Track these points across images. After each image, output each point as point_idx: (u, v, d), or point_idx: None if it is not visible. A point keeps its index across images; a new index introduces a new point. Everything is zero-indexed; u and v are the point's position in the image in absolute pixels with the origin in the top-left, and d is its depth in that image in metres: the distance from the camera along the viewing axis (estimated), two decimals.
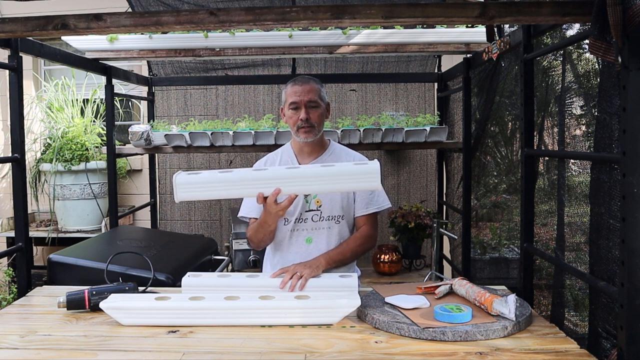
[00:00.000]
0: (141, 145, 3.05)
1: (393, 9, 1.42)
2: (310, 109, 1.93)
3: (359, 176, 1.64)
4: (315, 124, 1.94)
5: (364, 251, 1.99)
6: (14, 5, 4.10)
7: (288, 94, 1.97)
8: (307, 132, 1.94)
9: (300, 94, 1.93)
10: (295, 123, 1.95)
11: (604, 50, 1.23)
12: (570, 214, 1.79)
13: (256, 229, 1.91)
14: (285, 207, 1.69)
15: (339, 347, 1.35)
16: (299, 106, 1.93)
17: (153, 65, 3.67)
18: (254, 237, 1.96)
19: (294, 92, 1.95)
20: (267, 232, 1.90)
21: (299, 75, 2.10)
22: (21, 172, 1.97)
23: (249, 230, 1.99)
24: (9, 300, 3.53)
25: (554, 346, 1.34)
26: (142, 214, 4.17)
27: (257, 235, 1.93)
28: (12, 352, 1.34)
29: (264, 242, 1.98)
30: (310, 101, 1.93)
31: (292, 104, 1.94)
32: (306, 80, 1.97)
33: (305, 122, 1.92)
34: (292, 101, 1.94)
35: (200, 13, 1.46)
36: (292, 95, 1.95)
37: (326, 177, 1.65)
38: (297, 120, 1.94)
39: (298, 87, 1.95)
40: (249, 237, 1.98)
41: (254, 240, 1.97)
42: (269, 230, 1.90)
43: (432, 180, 3.75)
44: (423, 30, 2.81)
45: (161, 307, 1.51)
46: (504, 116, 2.65)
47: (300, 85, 1.95)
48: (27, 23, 1.53)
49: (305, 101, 1.93)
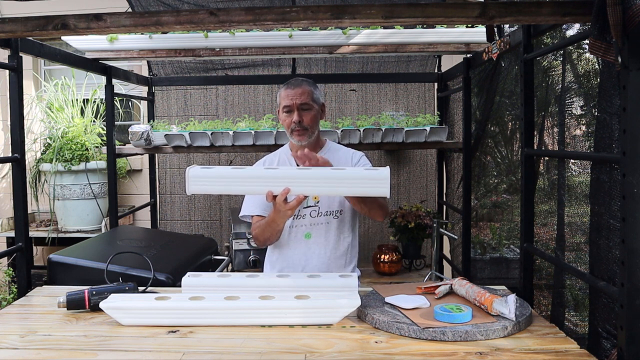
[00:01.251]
0: (141, 145, 3.05)
1: (393, 9, 1.42)
2: (303, 111, 1.96)
3: (368, 181, 1.64)
4: (308, 126, 1.97)
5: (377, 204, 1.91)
6: (14, 5, 4.10)
7: (281, 97, 2.00)
8: (300, 134, 1.97)
9: (293, 97, 1.96)
10: (289, 126, 1.98)
11: (604, 50, 1.23)
12: (570, 214, 1.79)
13: (263, 228, 1.91)
14: (293, 207, 1.69)
15: (339, 347, 1.35)
16: (292, 109, 1.96)
17: (153, 65, 3.67)
18: (260, 236, 1.95)
19: (286, 95, 1.98)
20: (274, 231, 1.90)
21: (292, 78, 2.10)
22: (21, 172, 1.97)
23: (254, 229, 1.99)
24: (9, 300, 3.53)
25: (554, 346, 1.34)
26: (142, 214, 4.17)
27: (264, 233, 1.93)
28: (12, 352, 1.34)
29: (270, 240, 1.97)
30: (302, 104, 1.96)
31: (285, 107, 1.98)
32: (299, 83, 1.99)
33: (298, 124, 1.95)
34: (284, 104, 1.98)
35: (200, 13, 1.46)
36: (285, 98, 1.98)
37: (336, 180, 1.66)
38: (290, 123, 1.97)
39: (290, 90, 1.97)
40: (255, 235, 1.98)
41: (259, 239, 1.97)
42: (277, 230, 1.90)
43: (432, 180, 3.75)
44: (423, 30, 2.81)
45: (161, 307, 1.51)
46: (504, 116, 2.65)
47: (293, 89, 1.97)
48: (27, 23, 1.53)
49: (298, 104, 1.95)
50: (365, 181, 1.64)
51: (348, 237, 2.04)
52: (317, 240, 1.99)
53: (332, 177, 1.66)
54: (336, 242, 2.01)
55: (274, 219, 1.82)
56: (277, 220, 1.82)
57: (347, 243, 2.04)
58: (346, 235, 2.04)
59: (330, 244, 2.00)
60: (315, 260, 1.99)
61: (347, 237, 2.04)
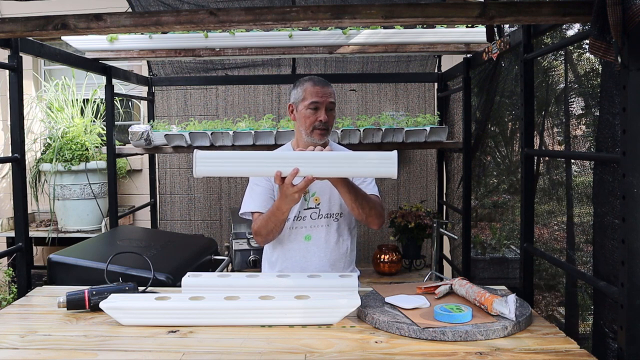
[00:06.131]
0: (141, 145, 3.05)
1: (393, 9, 1.42)
2: (329, 111, 1.94)
3: (376, 161, 1.63)
4: (330, 126, 1.96)
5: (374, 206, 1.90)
6: (14, 5, 4.10)
7: (308, 92, 1.93)
8: (322, 134, 1.93)
9: (323, 95, 1.92)
10: (312, 123, 1.92)
11: (604, 50, 1.23)
12: (570, 214, 1.79)
13: (267, 219, 1.86)
14: (301, 188, 1.65)
15: (339, 347, 1.35)
16: (320, 107, 1.92)
17: (153, 65, 3.67)
18: (263, 229, 1.89)
19: (315, 92, 1.92)
20: (279, 220, 1.85)
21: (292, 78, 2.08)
22: (21, 172, 1.97)
23: (256, 223, 1.94)
24: (9, 300, 3.53)
25: (554, 346, 1.34)
26: (142, 214, 4.17)
27: (268, 225, 1.87)
28: (12, 352, 1.34)
29: (272, 234, 1.92)
30: (331, 103, 1.94)
31: (313, 104, 1.92)
32: (326, 83, 1.97)
33: (323, 124, 1.92)
34: (313, 100, 1.91)
35: (200, 13, 1.46)
36: (314, 94, 1.92)
37: (345, 160, 1.67)
38: (314, 120, 1.92)
39: (320, 87, 1.93)
40: (257, 229, 1.92)
41: (262, 233, 1.91)
42: (281, 219, 1.85)
43: (432, 180, 3.75)
44: (423, 30, 2.81)
45: (161, 307, 1.51)
46: (504, 116, 2.65)
47: (322, 87, 1.94)
48: (27, 23, 1.53)
49: (327, 103, 1.92)
50: (373, 160, 1.63)
51: (347, 239, 2.04)
52: (317, 242, 1.98)
53: (341, 157, 1.67)
54: (336, 245, 2.01)
55: (279, 207, 1.78)
56: (283, 207, 1.77)
57: (346, 246, 2.03)
58: (345, 237, 2.03)
59: (330, 246, 2.00)
60: (315, 262, 1.99)
61: (346, 239, 2.03)
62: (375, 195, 1.98)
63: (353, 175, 1.85)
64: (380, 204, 1.95)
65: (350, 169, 1.67)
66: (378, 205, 1.92)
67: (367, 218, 1.89)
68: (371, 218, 1.89)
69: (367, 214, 1.87)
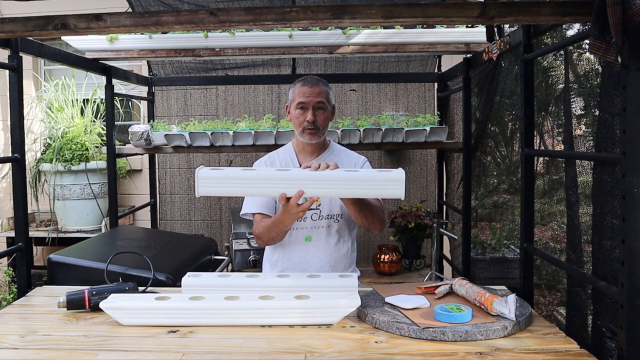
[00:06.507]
0: (141, 145, 3.05)
1: (393, 9, 1.42)
2: (317, 110, 1.93)
3: (384, 183, 1.62)
4: (320, 126, 1.94)
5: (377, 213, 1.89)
6: (14, 5, 4.10)
7: (296, 93, 1.95)
8: (312, 133, 1.94)
9: (310, 95, 1.92)
10: (301, 124, 1.94)
11: (604, 50, 1.23)
12: (571, 214, 1.79)
13: (269, 228, 1.87)
14: (306, 208, 1.67)
15: (339, 347, 1.35)
16: (307, 107, 1.92)
17: (153, 65, 3.67)
18: (264, 235, 1.90)
19: (302, 92, 1.93)
20: (280, 232, 1.86)
21: (308, 75, 2.08)
22: (21, 172, 1.97)
23: (257, 227, 1.94)
24: (9, 300, 3.53)
25: (554, 346, 1.34)
26: (142, 214, 4.17)
27: (269, 233, 1.88)
28: (12, 352, 1.34)
29: (274, 240, 1.93)
30: (318, 102, 1.93)
31: (300, 104, 1.93)
32: (315, 82, 1.96)
33: (311, 124, 1.92)
34: (300, 101, 1.93)
35: (200, 13, 1.46)
36: (301, 95, 1.93)
37: (351, 181, 1.63)
38: (303, 121, 1.93)
39: (307, 87, 1.93)
40: (258, 234, 1.92)
41: (263, 238, 1.92)
42: (284, 231, 1.87)
43: (432, 180, 3.76)
44: (423, 30, 2.81)
45: (161, 307, 1.51)
46: (504, 116, 2.65)
47: (310, 87, 1.94)
48: (27, 23, 1.53)
49: (314, 103, 1.92)
50: (380, 183, 1.62)
51: (348, 240, 2.04)
52: (318, 243, 1.98)
53: (347, 179, 1.63)
54: (336, 246, 2.01)
55: (281, 220, 1.78)
56: (286, 221, 1.78)
57: (346, 247, 2.03)
58: (346, 239, 2.03)
59: (331, 247, 2.00)
60: (315, 263, 1.98)
61: (346, 240, 2.03)
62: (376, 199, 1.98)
63: (358, 196, 1.82)
64: (382, 209, 1.95)
65: (356, 190, 1.66)
66: (380, 211, 1.93)
67: (369, 225, 1.89)
68: (373, 225, 1.90)
69: (370, 222, 1.88)
